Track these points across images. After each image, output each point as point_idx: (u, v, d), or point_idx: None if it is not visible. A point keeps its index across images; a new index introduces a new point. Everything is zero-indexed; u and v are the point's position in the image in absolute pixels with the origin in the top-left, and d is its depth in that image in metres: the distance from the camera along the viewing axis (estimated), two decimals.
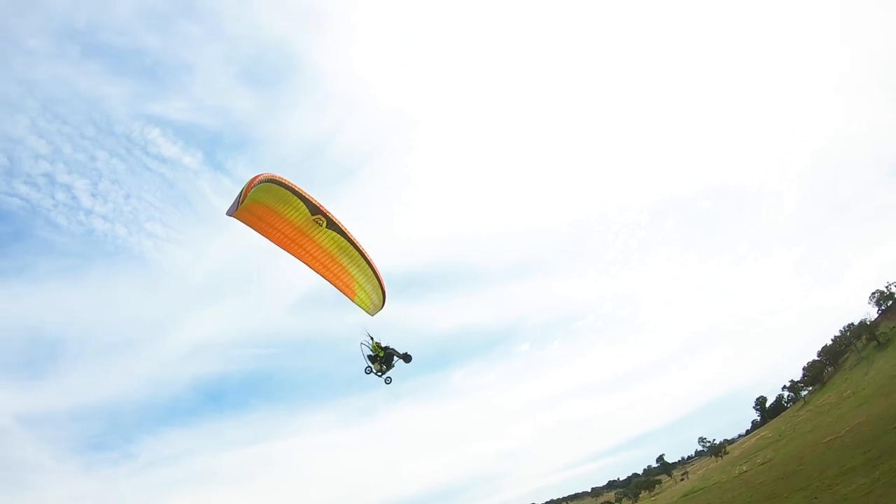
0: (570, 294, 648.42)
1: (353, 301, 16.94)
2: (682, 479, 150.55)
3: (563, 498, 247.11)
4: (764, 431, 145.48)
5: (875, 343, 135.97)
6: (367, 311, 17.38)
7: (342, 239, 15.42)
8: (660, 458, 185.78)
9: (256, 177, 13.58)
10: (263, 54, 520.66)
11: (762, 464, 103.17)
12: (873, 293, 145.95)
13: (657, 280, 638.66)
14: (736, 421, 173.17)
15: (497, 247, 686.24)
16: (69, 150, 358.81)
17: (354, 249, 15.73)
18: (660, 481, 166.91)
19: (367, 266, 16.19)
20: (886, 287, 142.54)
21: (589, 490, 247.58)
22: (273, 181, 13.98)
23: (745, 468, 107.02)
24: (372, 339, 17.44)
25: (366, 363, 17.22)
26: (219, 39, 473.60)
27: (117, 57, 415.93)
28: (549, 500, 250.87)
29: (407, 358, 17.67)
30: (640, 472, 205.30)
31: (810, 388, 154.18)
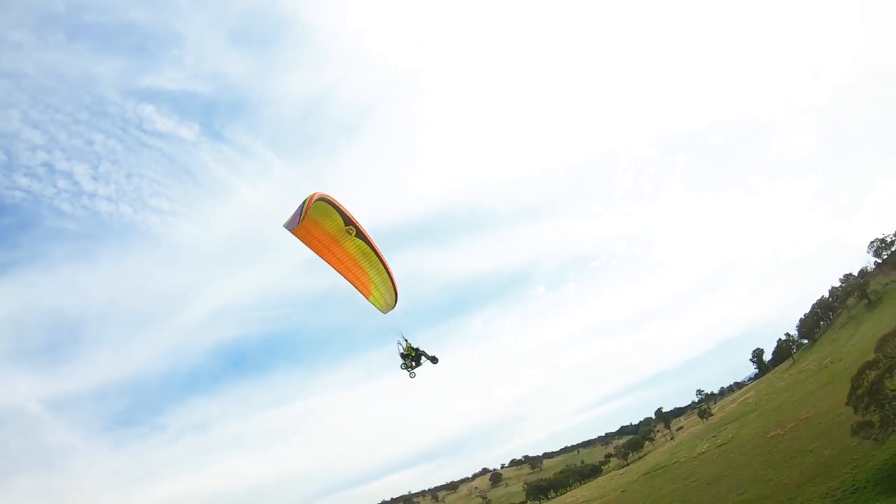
0: (582, 234, 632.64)
1: (368, 300, 18.89)
2: (672, 440, 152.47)
3: (576, 445, 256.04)
4: (749, 393, 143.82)
5: (866, 301, 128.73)
6: (380, 310, 19.39)
7: (366, 246, 17.50)
8: (658, 412, 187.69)
9: (313, 196, 15.70)
10: (254, 15, 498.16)
11: (719, 446, 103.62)
12: (872, 242, 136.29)
13: (670, 216, 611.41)
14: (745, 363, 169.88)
15: (507, 191, 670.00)
16: (65, 137, 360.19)
17: (375, 256, 17.82)
18: (652, 438, 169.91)
19: (384, 270, 18.25)
20: (884, 236, 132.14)
21: (603, 434, 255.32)
22: (324, 199, 16.14)
23: (705, 447, 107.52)
24: (406, 340, 19.87)
25: (401, 361, 19.86)
26: (206, 5, 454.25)
27: (103, 36, 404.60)
28: (563, 446, 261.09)
29: (434, 360, 20.08)
30: (651, 414, 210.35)
31: (804, 343, 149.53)
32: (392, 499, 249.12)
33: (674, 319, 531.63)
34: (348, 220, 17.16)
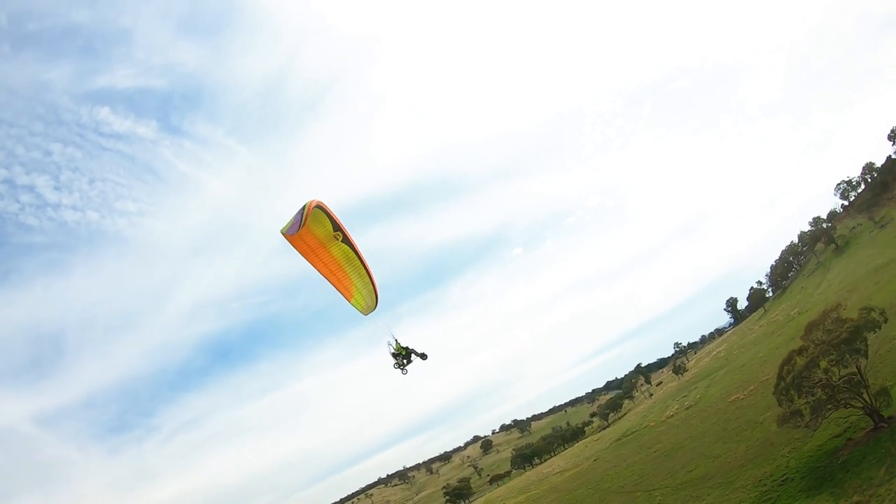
0: (555, 192, 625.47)
1: (349, 302, 19.41)
2: (651, 396, 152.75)
3: (564, 404, 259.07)
4: (722, 346, 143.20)
5: (833, 247, 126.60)
6: (361, 312, 19.89)
7: (350, 251, 18.04)
8: (638, 367, 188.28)
9: (312, 202, 16.13)
10: (200, 1, 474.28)
11: (687, 408, 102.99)
12: (838, 184, 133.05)
13: (641, 167, 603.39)
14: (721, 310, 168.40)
15: (476, 154, 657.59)
16: (22, 150, 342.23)
17: (358, 261, 18.36)
18: (633, 396, 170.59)
19: (366, 274, 18.78)
20: (849, 178, 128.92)
21: (590, 391, 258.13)
22: (319, 207, 16.65)
23: (674, 409, 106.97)
24: (396, 340, 20.30)
25: (393, 361, 20.31)
26: None
27: (49, 42, 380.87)
28: (552, 406, 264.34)
29: (424, 356, 20.47)
30: (633, 368, 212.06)
31: (778, 290, 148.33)
32: (388, 475, 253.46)
33: (653, 269, 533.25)
34: (337, 227, 17.49)
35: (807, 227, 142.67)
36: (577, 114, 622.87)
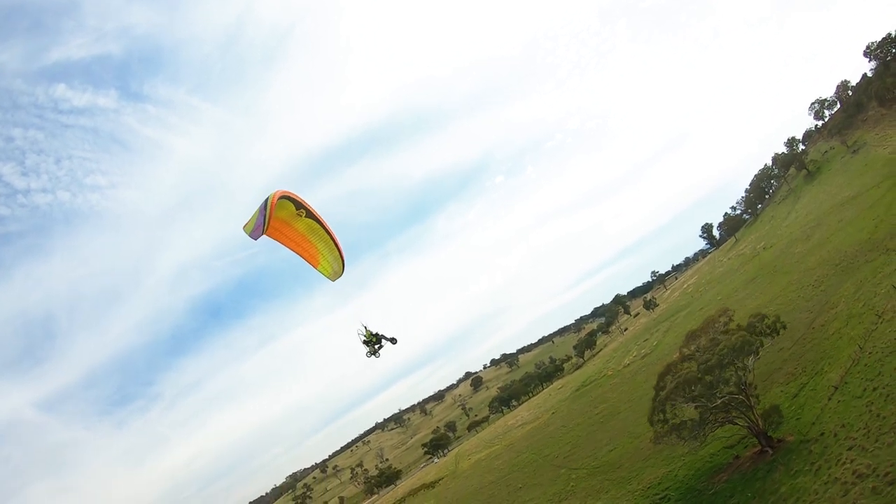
0: (533, 117, 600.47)
1: (316, 269, 19.65)
2: (625, 331, 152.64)
3: (552, 334, 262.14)
4: (692, 279, 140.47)
5: (805, 172, 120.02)
6: (328, 278, 20.13)
7: (315, 223, 18.26)
8: (616, 297, 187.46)
9: (275, 197, 15.90)
10: None
11: (643, 357, 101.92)
12: (812, 103, 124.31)
13: (621, 85, 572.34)
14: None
15: (449, 86, 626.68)
16: None
17: (322, 230, 18.59)
18: (608, 331, 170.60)
19: (330, 241, 18.95)
20: (823, 97, 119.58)
21: (576, 319, 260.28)
22: (283, 198, 16.60)
23: (630, 358, 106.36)
24: (365, 328, 20.39)
25: (365, 349, 20.39)
26: None
27: None
28: (540, 337, 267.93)
29: (394, 341, 20.82)
30: (624, 290, 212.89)
31: (750, 216, 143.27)
32: (385, 419, 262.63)
33: (638, 189, 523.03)
34: (299, 205, 17.60)
35: (783, 149, 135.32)
36: (550, 35, 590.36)
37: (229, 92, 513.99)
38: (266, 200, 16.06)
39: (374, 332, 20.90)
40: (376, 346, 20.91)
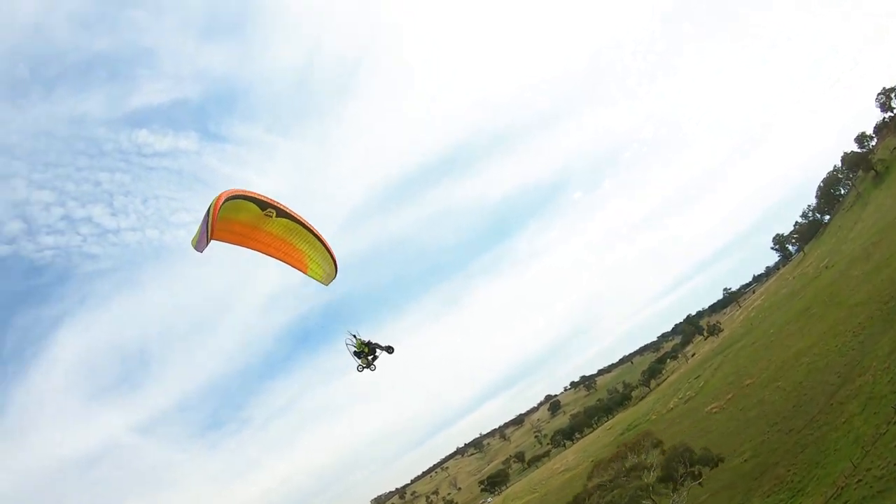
0: (606, 129, 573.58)
1: (306, 274, 18.03)
2: (690, 358, 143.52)
3: (632, 353, 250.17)
4: (758, 301, 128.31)
5: (873, 174, 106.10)
6: (320, 282, 18.32)
7: (291, 223, 16.56)
8: (688, 317, 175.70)
9: (218, 201, 14.46)
10: (215, 3, 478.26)
11: (685, 402, 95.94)
12: (879, 93, 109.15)
13: (691, 87, 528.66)
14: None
15: (520, 104, 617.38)
16: (73, 186, 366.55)
17: (304, 229, 16.86)
18: (676, 356, 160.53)
19: (316, 241, 17.22)
20: (889, 88, 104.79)
21: (658, 336, 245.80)
22: (232, 198, 15.08)
23: (675, 401, 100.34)
24: (355, 336, 18.48)
25: (356, 362, 18.34)
26: (164, 10, 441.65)
27: (75, 79, 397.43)
28: (621, 357, 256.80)
29: (390, 350, 18.60)
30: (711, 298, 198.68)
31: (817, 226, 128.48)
32: (465, 444, 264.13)
33: (715, 195, 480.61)
34: (265, 205, 15.88)
35: (854, 146, 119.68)
36: (615, 45, 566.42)
37: (302, 126, 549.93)
38: (209, 208, 14.49)
39: (365, 342, 18.67)
40: (370, 358, 18.66)
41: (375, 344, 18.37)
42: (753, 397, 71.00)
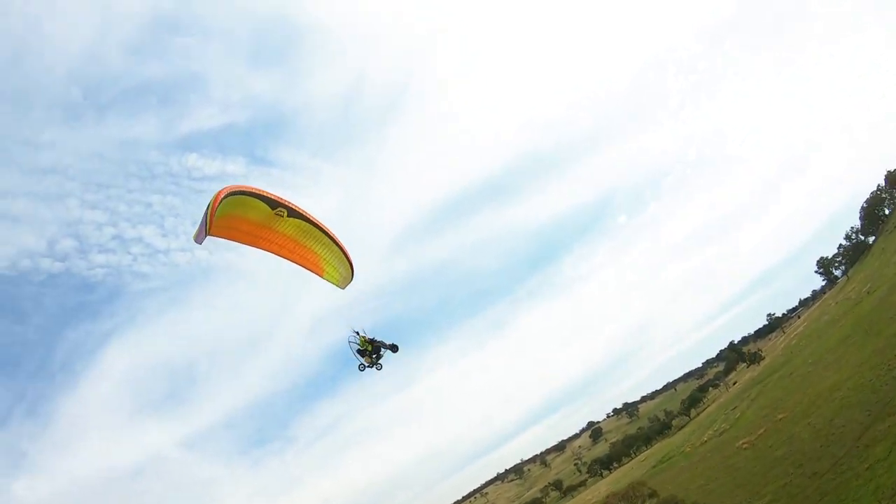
0: (650, 151, 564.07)
1: (322, 278, 17.46)
2: (730, 388, 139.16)
3: (676, 380, 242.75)
4: (800, 327, 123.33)
5: None
6: (337, 286, 17.71)
7: (304, 223, 16.07)
8: (730, 344, 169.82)
9: (219, 195, 14.24)
10: (263, 31, 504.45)
11: (719, 435, 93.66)
12: None
13: (735, 107, 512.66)
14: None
15: (563, 127, 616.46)
16: (125, 207, 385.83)
17: (318, 230, 16.35)
18: (718, 383, 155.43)
19: (332, 244, 16.74)
20: None
21: (703, 362, 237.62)
22: (237, 193, 14.81)
23: (709, 434, 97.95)
24: (358, 334, 17.93)
25: (358, 360, 17.61)
26: (213, 38, 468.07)
27: (127, 105, 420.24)
28: (665, 383, 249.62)
29: (394, 348, 17.96)
30: (747, 332, 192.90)
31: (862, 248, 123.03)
32: (506, 469, 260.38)
33: (761, 215, 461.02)
34: (275, 204, 15.48)
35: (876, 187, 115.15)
36: (656, 66, 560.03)
37: (349, 151, 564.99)
38: (209, 202, 14.25)
39: (369, 339, 17.92)
40: (374, 357, 18.01)
41: (380, 342, 17.81)
42: (784, 433, 68.98)
